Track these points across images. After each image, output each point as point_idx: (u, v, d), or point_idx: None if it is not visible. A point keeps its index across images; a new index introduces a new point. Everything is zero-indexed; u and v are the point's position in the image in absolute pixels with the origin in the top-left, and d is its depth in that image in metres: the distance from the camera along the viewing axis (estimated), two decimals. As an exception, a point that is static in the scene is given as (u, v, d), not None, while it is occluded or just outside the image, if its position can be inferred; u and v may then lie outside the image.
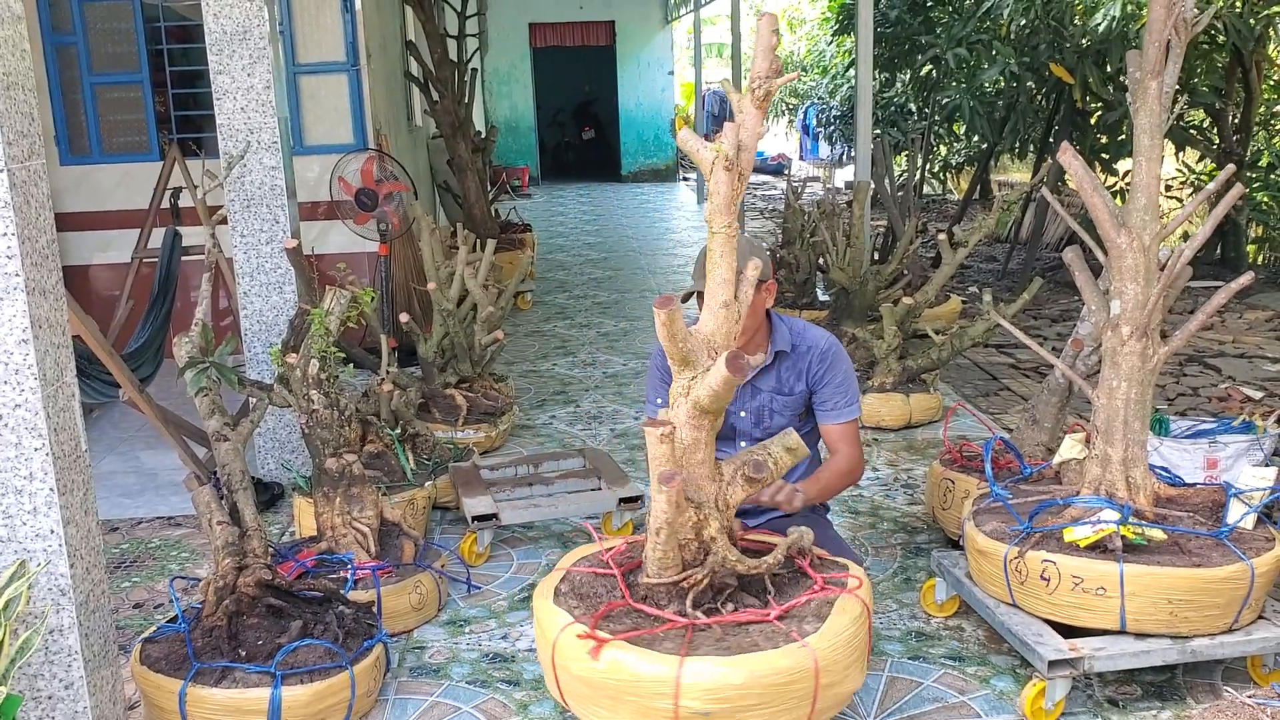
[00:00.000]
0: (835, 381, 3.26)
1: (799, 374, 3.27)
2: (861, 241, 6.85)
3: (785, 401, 3.28)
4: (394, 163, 6.96)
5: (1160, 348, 3.22)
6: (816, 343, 3.29)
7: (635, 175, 19.63)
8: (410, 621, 3.66)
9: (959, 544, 4.06)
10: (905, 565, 4.06)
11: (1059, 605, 3.06)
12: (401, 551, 3.82)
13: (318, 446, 3.85)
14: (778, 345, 3.25)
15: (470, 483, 4.38)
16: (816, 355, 3.26)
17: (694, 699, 2.39)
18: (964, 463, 4.12)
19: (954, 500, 4.04)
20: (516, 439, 5.60)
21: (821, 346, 3.28)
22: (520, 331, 8.21)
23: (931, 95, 10.40)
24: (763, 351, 3.24)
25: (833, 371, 3.26)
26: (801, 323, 3.38)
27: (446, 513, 4.67)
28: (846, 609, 2.59)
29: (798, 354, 3.27)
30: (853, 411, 3.27)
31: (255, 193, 4.81)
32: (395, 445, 4.37)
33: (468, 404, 5.26)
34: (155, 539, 4.56)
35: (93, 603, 2.76)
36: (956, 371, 6.73)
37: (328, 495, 3.79)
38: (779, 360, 3.28)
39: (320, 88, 7.30)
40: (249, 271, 4.89)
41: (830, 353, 3.28)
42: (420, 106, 9.36)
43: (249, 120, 4.75)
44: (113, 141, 7.32)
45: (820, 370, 3.26)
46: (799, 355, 3.27)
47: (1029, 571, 3.11)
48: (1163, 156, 3.29)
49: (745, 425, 3.31)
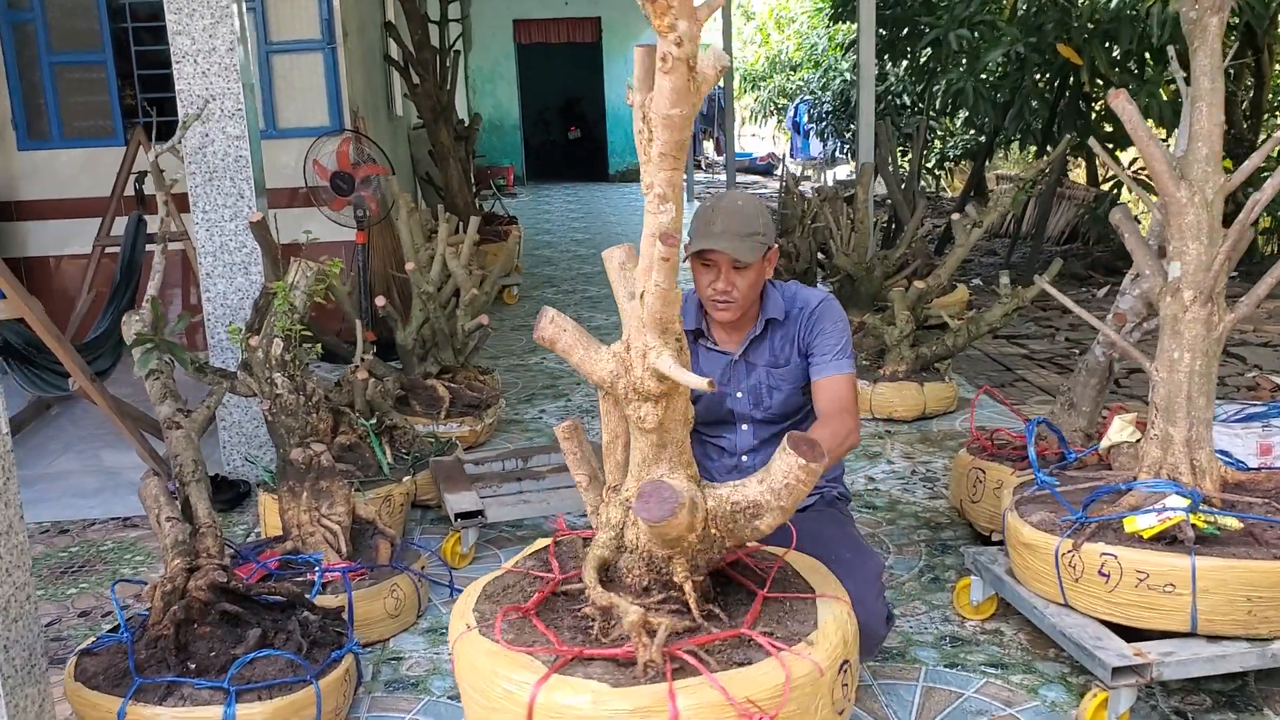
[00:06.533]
0: (824, 331, 2.82)
1: (791, 340, 2.88)
2: (866, 226, 6.50)
3: (783, 374, 2.89)
4: (371, 144, 6.58)
5: (1226, 314, 2.87)
6: (809, 302, 2.89)
7: (623, 175, 19.26)
8: (386, 629, 3.29)
9: (990, 539, 3.71)
10: (931, 563, 3.70)
11: (1120, 605, 2.70)
12: (376, 552, 3.44)
13: (282, 435, 3.47)
14: (769, 313, 2.86)
15: (453, 477, 4.00)
16: (807, 315, 2.87)
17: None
18: (994, 451, 3.77)
19: (985, 492, 3.68)
20: (503, 434, 5.23)
21: (813, 305, 2.89)
22: (506, 326, 7.84)
23: (930, 83, 10.08)
24: (753, 323, 2.87)
25: (821, 323, 2.83)
26: (795, 285, 2.98)
27: (427, 511, 4.29)
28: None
29: (790, 320, 2.88)
30: (843, 365, 2.81)
31: (218, 165, 4.43)
32: (370, 437, 3.99)
33: (450, 395, 4.88)
34: (109, 541, 4.16)
35: (14, 610, 2.37)
36: (968, 363, 6.38)
37: (293, 489, 3.41)
38: (771, 330, 2.89)
39: (294, 67, 6.92)
40: (212, 251, 4.51)
41: (820, 307, 2.87)
42: (400, 91, 8.98)
43: (210, 86, 4.36)
44: (74, 125, 6.92)
45: (810, 326, 2.85)
46: (790, 321, 2.88)
47: (1084, 567, 2.75)
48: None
49: (744, 407, 2.93)
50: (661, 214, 1.92)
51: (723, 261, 2.71)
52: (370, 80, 7.99)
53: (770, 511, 2.06)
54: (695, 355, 2.93)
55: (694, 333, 2.91)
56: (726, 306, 2.77)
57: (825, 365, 2.79)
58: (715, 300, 2.77)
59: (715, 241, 2.68)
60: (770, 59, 22.42)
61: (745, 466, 2.95)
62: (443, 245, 4.89)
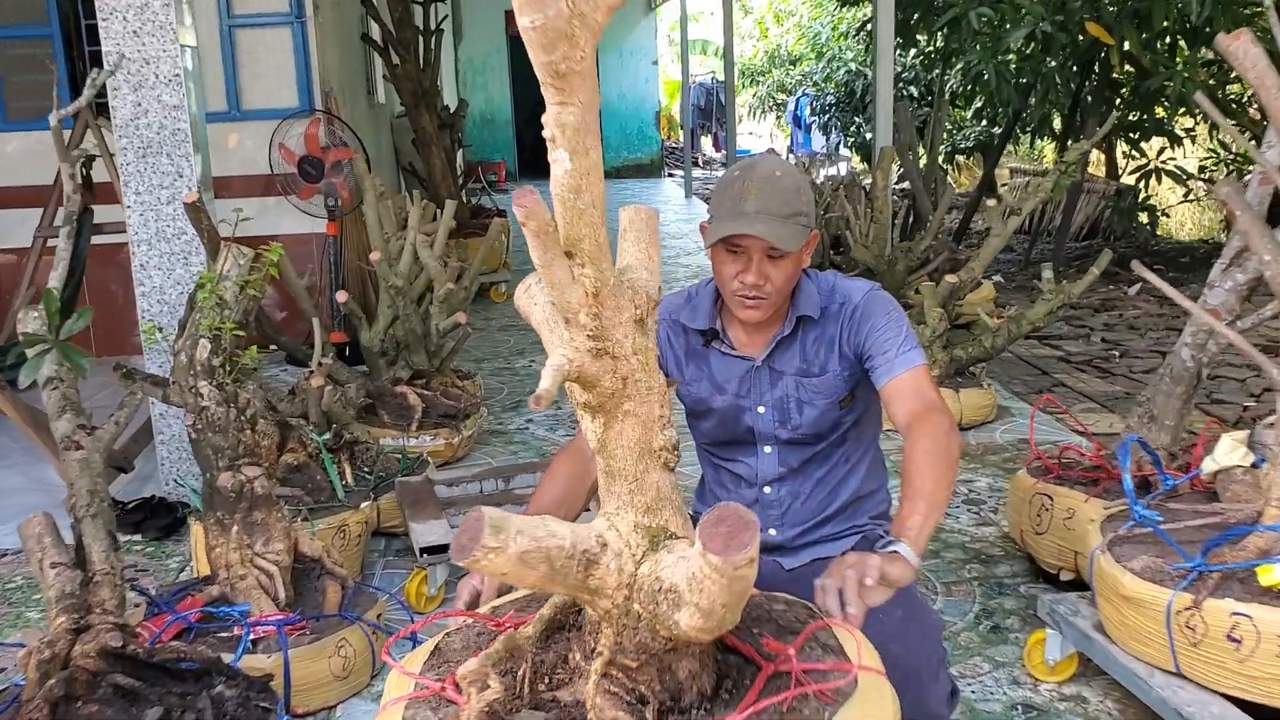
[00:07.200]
0: (877, 327, 2.19)
1: (830, 343, 2.25)
2: (885, 217, 5.92)
3: (816, 386, 2.27)
4: (344, 126, 5.99)
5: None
6: (850, 296, 2.26)
7: (618, 171, 18.66)
8: (332, 694, 2.70)
9: (1058, 577, 3.13)
10: (989, 607, 3.11)
11: (1255, 678, 2.13)
12: (323, 597, 2.85)
13: (209, 456, 2.88)
14: (801, 309, 2.23)
15: (421, 502, 3.41)
16: (849, 312, 2.24)
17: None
18: (1060, 473, 3.18)
19: (1052, 521, 3.09)
20: (484, 447, 4.63)
21: (856, 299, 2.26)
22: (493, 326, 7.25)
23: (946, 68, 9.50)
24: (782, 321, 2.27)
25: (873, 317, 2.20)
26: (834, 275, 2.35)
27: (393, 540, 3.70)
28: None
29: (828, 317, 2.25)
30: (913, 357, 2.17)
31: (153, 140, 3.84)
32: (322, 454, 3.40)
33: (423, 404, 4.28)
34: (16, 577, 3.57)
35: None
36: (1000, 365, 5.79)
37: (222, 522, 2.81)
38: (803, 329, 2.27)
39: (259, 42, 6.33)
40: (146, 239, 3.91)
41: (866, 298, 2.24)
42: (381, 74, 8.39)
43: (143, 47, 3.77)
44: (16, 106, 6.32)
45: (857, 323, 2.23)
46: (829, 319, 2.25)
47: (1207, 629, 2.17)
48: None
49: (766, 424, 2.32)
50: (555, 164, 1.41)
51: (756, 249, 2.12)
52: (346, 60, 7.40)
53: (688, 606, 1.42)
54: (707, 362, 2.33)
55: (707, 333, 2.32)
56: (756, 304, 2.16)
57: (893, 363, 2.17)
58: (743, 296, 2.17)
59: (749, 225, 2.07)
60: (769, 53, 21.86)
61: (768, 500, 2.36)
62: (414, 233, 4.29)
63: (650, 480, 1.60)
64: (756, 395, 2.31)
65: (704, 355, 2.34)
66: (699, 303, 2.33)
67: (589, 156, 1.35)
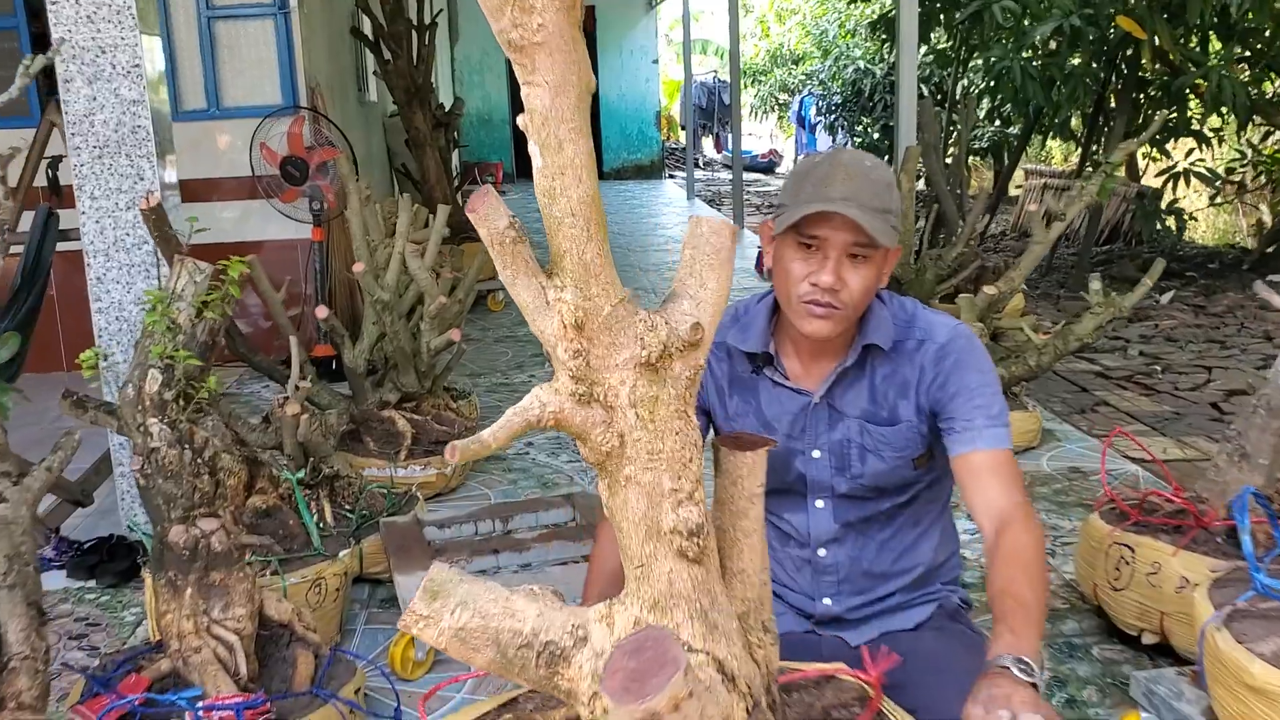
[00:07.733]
0: (973, 385, 1.82)
1: (904, 388, 1.85)
2: (910, 221, 5.52)
3: (885, 435, 1.87)
4: (329, 124, 5.59)
5: None
6: (933, 333, 1.86)
7: (618, 172, 18.26)
8: (301, 789, 2.29)
9: (1139, 640, 2.73)
10: (1060, 673, 2.71)
11: None
12: (294, 670, 2.44)
13: (160, 506, 2.47)
14: (870, 337, 1.84)
15: (407, 549, 3.01)
16: (933, 353, 1.85)
17: None
18: (1139, 518, 2.78)
19: (1133, 577, 2.69)
20: (480, 475, 4.22)
21: (941, 339, 1.86)
22: (490, 337, 6.84)
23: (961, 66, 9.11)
24: (846, 351, 1.88)
25: (962, 371, 1.83)
26: (914, 304, 1.96)
27: (378, 588, 3.30)
28: None
29: (903, 354, 1.86)
30: (1000, 436, 1.80)
31: (110, 137, 3.44)
32: (295, 495, 2.99)
33: (413, 430, 3.88)
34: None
35: None
36: (1037, 383, 5.40)
37: (174, 584, 2.40)
38: (871, 362, 1.88)
39: (240, 35, 5.92)
40: (103, 249, 3.51)
41: (955, 343, 1.85)
42: (372, 69, 7.99)
43: (98, 34, 3.37)
44: (-19, 102, 5.91)
45: (942, 372, 1.84)
46: (904, 356, 1.86)
47: (1365, 735, 1.77)
48: None
49: (821, 472, 1.92)
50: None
51: (837, 243, 1.73)
52: (334, 56, 6.99)
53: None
54: (755, 393, 1.94)
55: (758, 357, 1.92)
56: (827, 314, 1.76)
57: (977, 435, 1.78)
58: (812, 303, 1.77)
59: (836, 205, 1.69)
60: (770, 52, 21.46)
61: (823, 565, 1.97)
62: (402, 241, 3.88)
63: (659, 570, 1.29)
64: (812, 437, 1.91)
65: (752, 385, 1.94)
66: (750, 321, 1.93)
67: (563, 152, 1.10)
